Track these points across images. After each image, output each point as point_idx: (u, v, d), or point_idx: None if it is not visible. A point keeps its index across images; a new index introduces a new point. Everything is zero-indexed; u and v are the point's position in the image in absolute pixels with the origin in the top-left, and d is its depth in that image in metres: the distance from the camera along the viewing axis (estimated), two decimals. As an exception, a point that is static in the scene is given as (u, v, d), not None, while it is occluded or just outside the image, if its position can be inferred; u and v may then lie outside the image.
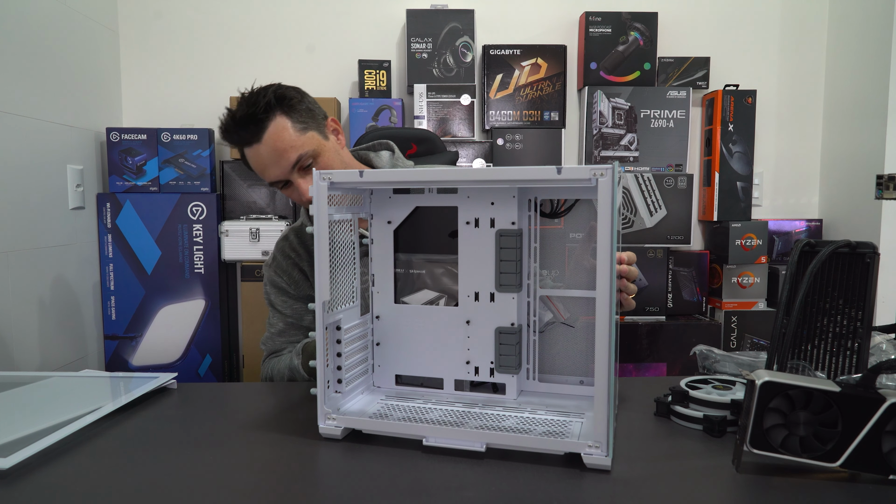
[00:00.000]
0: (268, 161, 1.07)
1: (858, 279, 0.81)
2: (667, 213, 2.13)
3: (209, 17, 2.19)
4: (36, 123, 1.73)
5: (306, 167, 1.08)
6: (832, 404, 0.68)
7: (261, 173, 1.10)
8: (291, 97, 1.09)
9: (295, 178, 1.09)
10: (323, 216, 0.77)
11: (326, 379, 0.81)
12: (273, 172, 1.08)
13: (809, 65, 2.31)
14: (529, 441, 0.73)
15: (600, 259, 0.73)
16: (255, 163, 1.09)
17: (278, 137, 1.06)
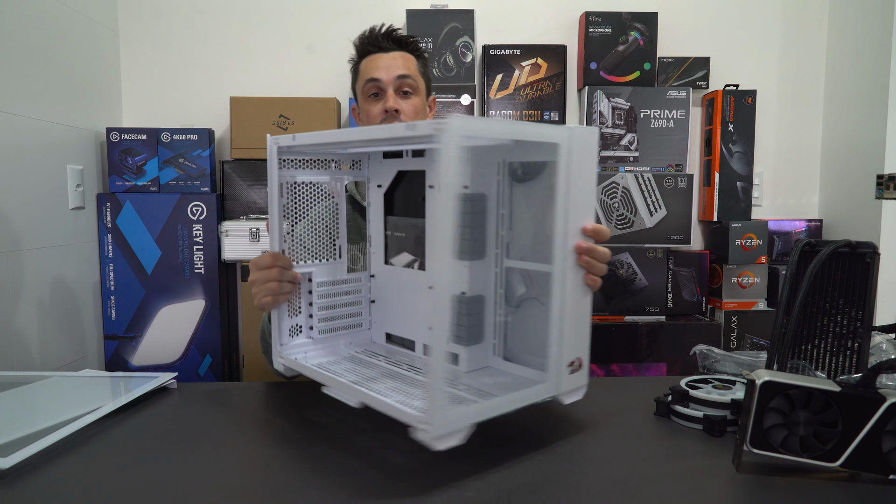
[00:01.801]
0: (387, 62, 1.18)
1: (858, 279, 0.81)
2: (667, 213, 2.13)
3: (209, 17, 2.19)
4: (36, 123, 1.73)
5: (404, 92, 1.18)
6: (832, 404, 0.68)
7: (369, 71, 1.18)
8: (424, 56, 1.27)
9: (390, 89, 1.18)
10: (274, 176, 0.87)
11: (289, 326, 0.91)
12: (381, 73, 1.17)
13: (809, 65, 2.31)
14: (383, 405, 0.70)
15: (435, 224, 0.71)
16: (372, 64, 1.18)
17: (406, 59, 1.20)
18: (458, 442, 0.66)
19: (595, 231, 0.78)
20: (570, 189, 0.73)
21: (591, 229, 0.78)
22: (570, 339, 0.76)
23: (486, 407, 0.68)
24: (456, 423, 0.65)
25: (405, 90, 1.18)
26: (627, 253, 2.12)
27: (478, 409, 0.68)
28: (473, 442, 0.79)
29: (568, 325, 0.75)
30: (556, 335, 0.74)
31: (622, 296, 2.11)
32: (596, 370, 2.04)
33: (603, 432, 0.83)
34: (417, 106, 1.20)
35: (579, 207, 0.74)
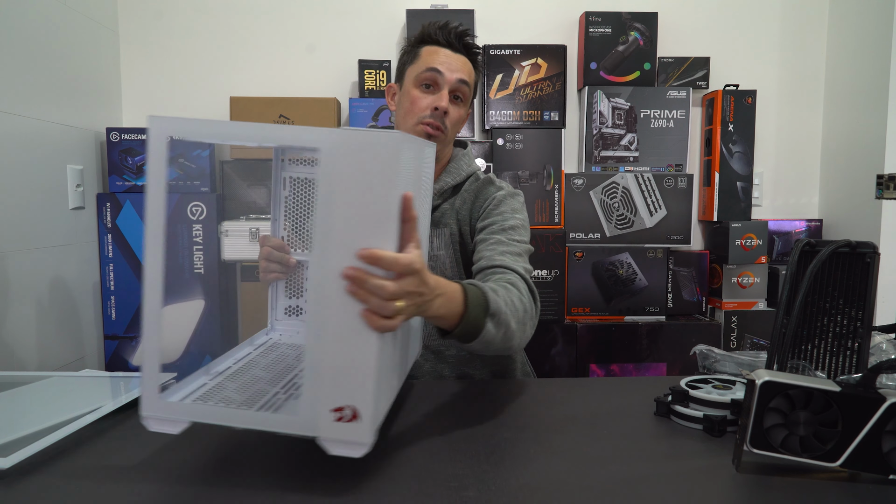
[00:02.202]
0: (454, 62, 1.15)
1: (858, 279, 0.81)
2: (667, 213, 2.13)
3: (209, 17, 2.19)
4: (36, 123, 1.73)
5: (455, 97, 1.15)
6: (832, 404, 0.68)
7: (430, 61, 1.14)
8: (480, 72, 1.24)
9: (447, 88, 1.14)
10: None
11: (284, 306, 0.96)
12: (445, 68, 1.13)
13: (809, 65, 2.31)
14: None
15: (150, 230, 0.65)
16: (437, 56, 1.15)
17: (468, 66, 1.18)
18: (173, 431, 0.68)
19: (372, 258, 0.63)
20: (336, 202, 0.63)
21: (365, 255, 0.63)
22: (335, 382, 0.65)
23: (215, 413, 0.68)
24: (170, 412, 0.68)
25: (458, 96, 1.15)
26: (627, 253, 2.12)
27: (204, 411, 0.68)
28: (473, 442, 0.79)
29: (331, 363, 0.65)
30: (311, 370, 0.66)
31: (622, 296, 2.11)
32: (596, 370, 2.04)
33: (603, 432, 0.83)
34: (462, 116, 1.18)
35: (354, 226, 0.63)
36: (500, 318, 0.85)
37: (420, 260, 0.69)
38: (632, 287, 2.11)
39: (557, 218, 2.12)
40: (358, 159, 0.62)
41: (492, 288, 0.88)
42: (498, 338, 0.86)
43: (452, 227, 1.19)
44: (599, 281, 2.11)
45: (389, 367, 0.74)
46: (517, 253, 1.07)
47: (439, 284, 0.76)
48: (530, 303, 0.97)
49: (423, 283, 0.70)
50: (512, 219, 1.12)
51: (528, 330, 0.96)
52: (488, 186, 1.20)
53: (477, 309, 0.83)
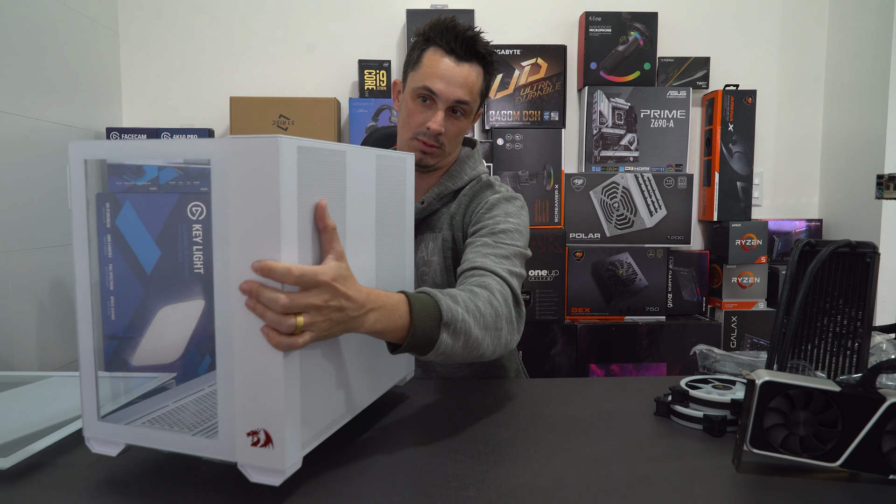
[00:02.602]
0: (449, 79, 1.07)
1: (858, 279, 0.81)
2: (667, 213, 2.13)
3: (209, 17, 2.19)
4: (36, 123, 1.73)
5: (454, 113, 1.10)
6: (832, 404, 0.68)
7: (430, 77, 1.08)
8: (494, 71, 1.15)
9: (442, 108, 1.08)
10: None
11: None
12: (441, 87, 1.07)
13: (809, 64, 2.31)
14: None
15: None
16: (437, 68, 1.08)
17: (471, 78, 1.09)
18: (111, 454, 0.69)
19: (263, 269, 0.59)
20: (229, 214, 0.60)
21: (257, 267, 0.59)
22: (246, 403, 0.62)
23: (145, 435, 0.69)
24: (107, 434, 0.70)
25: (457, 111, 1.10)
26: (627, 253, 2.12)
27: (135, 433, 0.69)
28: (473, 442, 0.79)
29: (241, 383, 0.62)
30: (223, 391, 0.63)
31: (622, 296, 2.11)
32: (596, 370, 2.04)
33: (603, 432, 0.83)
34: (462, 128, 1.12)
35: (248, 237, 0.60)
36: (458, 327, 0.78)
37: (332, 272, 0.63)
38: (632, 287, 2.11)
39: (557, 218, 2.12)
40: (242, 167, 0.59)
41: (450, 294, 0.81)
42: (458, 348, 0.80)
43: (446, 232, 1.14)
44: (599, 281, 2.11)
45: (329, 383, 0.70)
46: (504, 255, 0.98)
47: (372, 297, 0.70)
48: (505, 305, 0.88)
49: (337, 296, 0.64)
50: (504, 222, 1.05)
51: (506, 334, 0.87)
52: (484, 191, 1.15)
53: (427, 320, 0.76)
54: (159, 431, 0.68)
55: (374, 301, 0.70)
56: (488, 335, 0.84)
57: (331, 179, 0.68)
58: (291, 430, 0.62)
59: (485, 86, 1.14)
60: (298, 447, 0.64)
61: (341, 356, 0.73)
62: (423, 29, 1.11)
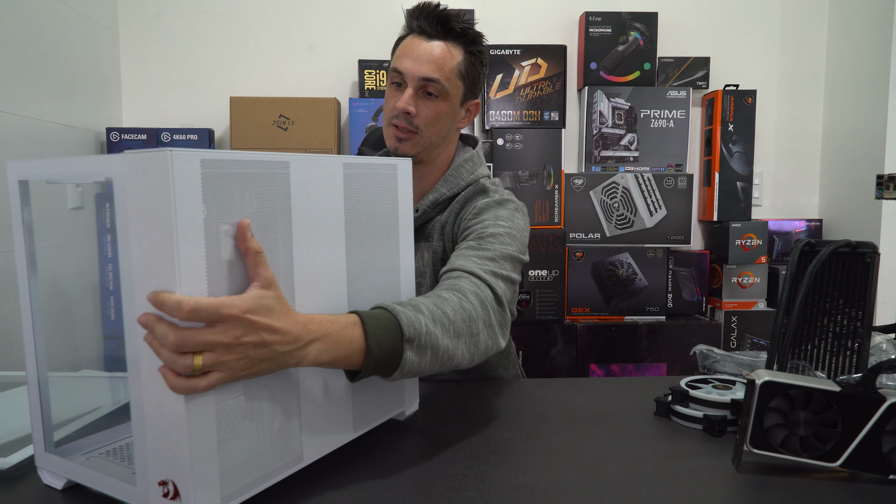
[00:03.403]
0: (417, 56, 1.02)
1: (858, 279, 0.81)
2: (667, 213, 2.13)
3: (209, 17, 2.19)
4: (36, 123, 1.73)
5: (428, 94, 1.03)
6: (832, 404, 0.68)
7: (399, 57, 1.04)
8: (482, 52, 1.07)
9: (410, 87, 1.03)
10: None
11: None
12: (407, 65, 1.02)
13: (809, 64, 2.31)
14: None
15: None
16: (407, 49, 1.04)
17: (442, 54, 1.03)
18: (56, 486, 0.67)
19: (156, 301, 0.52)
20: (131, 240, 0.54)
21: (150, 299, 0.52)
22: (156, 449, 0.55)
23: (78, 472, 0.64)
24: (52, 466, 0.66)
25: (430, 92, 1.02)
26: (627, 253, 2.12)
27: (71, 469, 0.65)
28: (473, 442, 0.79)
29: (151, 427, 0.55)
30: (137, 434, 0.56)
31: (622, 296, 2.11)
32: (596, 370, 2.04)
33: (603, 432, 0.83)
34: (441, 112, 1.03)
35: (149, 266, 0.53)
36: (422, 341, 0.70)
37: (247, 303, 0.55)
38: (632, 287, 2.11)
39: (557, 218, 2.12)
40: (138, 185, 0.53)
41: (411, 305, 0.72)
42: (425, 364, 0.72)
43: (436, 243, 1.07)
44: (599, 281, 2.11)
45: (268, 427, 0.62)
46: (488, 257, 0.90)
47: (311, 327, 0.61)
48: (482, 307, 0.80)
49: (255, 330, 0.56)
50: (494, 226, 0.97)
51: (484, 339, 0.79)
52: (475, 196, 1.07)
53: (385, 339, 0.67)
54: (92, 471, 0.63)
55: (313, 331, 0.61)
56: (461, 343, 0.76)
57: (265, 194, 0.60)
58: (201, 485, 0.55)
59: (466, 67, 1.04)
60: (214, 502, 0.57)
61: (291, 393, 0.65)
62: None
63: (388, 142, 1.06)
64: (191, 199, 0.52)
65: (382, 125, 1.09)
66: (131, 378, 0.56)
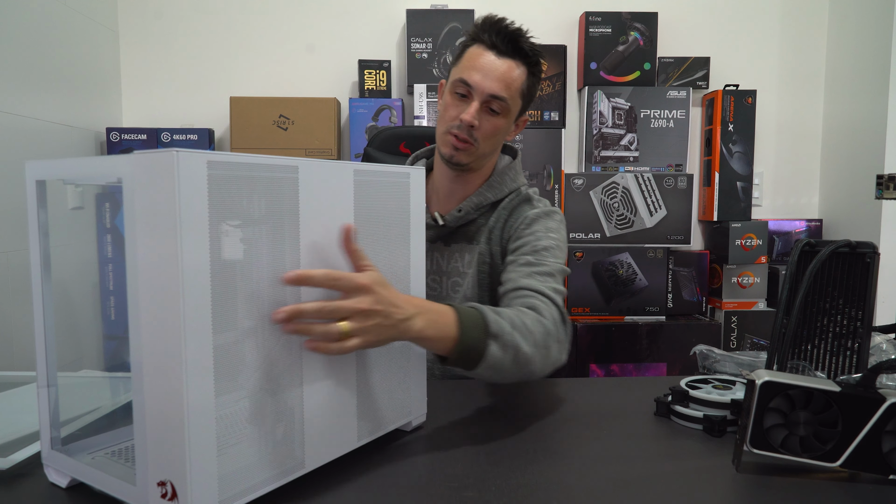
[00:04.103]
0: (487, 71, 1.05)
1: (858, 279, 0.81)
2: (667, 213, 2.13)
3: (209, 17, 2.19)
4: (36, 123, 1.73)
5: (491, 110, 1.06)
6: (832, 404, 0.68)
7: (467, 69, 1.06)
8: (541, 73, 1.12)
9: (476, 101, 1.05)
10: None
11: None
12: (477, 79, 1.05)
13: (809, 64, 2.31)
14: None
15: None
16: (476, 61, 1.06)
17: (512, 74, 1.06)
18: (60, 484, 0.67)
19: (301, 277, 0.61)
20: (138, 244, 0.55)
21: (291, 277, 0.60)
22: (156, 450, 0.56)
23: (82, 471, 0.65)
24: (57, 464, 0.67)
25: (493, 108, 1.06)
26: (627, 253, 2.12)
27: (76, 467, 0.66)
28: (473, 442, 0.79)
29: (152, 427, 0.56)
30: (139, 433, 0.57)
31: (622, 296, 2.11)
32: (596, 370, 2.04)
33: (603, 432, 0.83)
34: (499, 127, 1.08)
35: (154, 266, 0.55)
36: (506, 340, 0.79)
37: (369, 277, 0.65)
38: (632, 287, 2.11)
39: (557, 218, 2.12)
40: (145, 187, 0.53)
41: (492, 309, 0.82)
42: (507, 361, 0.80)
43: (483, 246, 1.13)
44: (599, 281, 2.11)
45: (271, 431, 0.62)
46: (547, 273, 0.99)
47: (416, 302, 0.72)
48: (554, 324, 0.89)
49: (381, 301, 0.66)
50: (545, 238, 1.05)
51: (555, 353, 0.88)
52: (523, 205, 1.13)
53: (474, 330, 0.77)
54: (95, 470, 0.64)
55: (418, 306, 0.71)
56: (538, 353, 0.84)
57: (273, 197, 0.61)
58: (199, 487, 0.55)
59: (527, 87, 1.09)
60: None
61: (295, 400, 0.65)
62: (471, 27, 1.10)
63: (444, 148, 1.09)
64: (196, 199, 0.53)
65: (437, 129, 1.12)
66: (134, 378, 0.56)
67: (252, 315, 0.59)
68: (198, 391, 0.54)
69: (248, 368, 0.59)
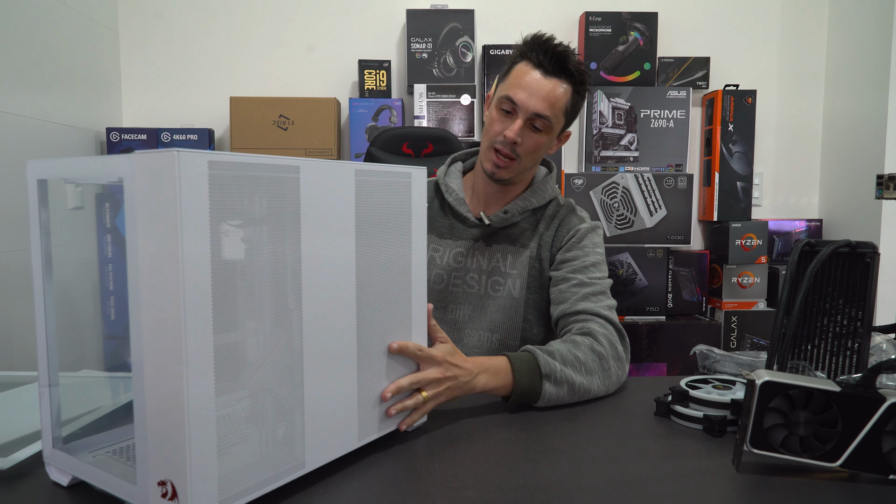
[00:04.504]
0: (533, 90, 1.07)
1: (858, 279, 0.81)
2: (667, 213, 2.13)
3: (209, 17, 2.19)
4: (36, 123, 1.73)
5: (534, 127, 1.09)
6: (832, 404, 0.68)
7: (513, 87, 1.08)
8: (585, 91, 1.15)
9: (520, 119, 1.08)
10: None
11: None
12: (522, 98, 1.07)
13: (809, 65, 2.31)
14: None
15: None
16: (522, 79, 1.08)
17: (557, 93, 1.08)
18: (62, 482, 0.68)
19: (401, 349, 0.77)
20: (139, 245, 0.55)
21: (395, 348, 0.77)
22: (157, 449, 0.56)
23: (84, 469, 0.65)
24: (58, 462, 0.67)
25: (536, 126, 1.09)
26: (627, 253, 2.11)
27: (79, 467, 0.65)
28: (473, 442, 0.79)
29: (153, 426, 0.56)
30: (139, 432, 0.57)
31: (622, 296, 2.11)
32: (596, 370, 2.04)
33: (603, 432, 0.83)
34: (541, 144, 1.11)
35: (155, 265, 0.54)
36: (558, 377, 0.91)
37: (441, 351, 0.81)
38: (632, 287, 2.11)
39: (557, 218, 2.12)
40: (146, 184, 0.53)
41: (547, 351, 0.93)
42: (564, 394, 0.92)
43: (533, 250, 1.17)
44: (599, 281, 2.10)
45: (272, 431, 0.62)
46: (599, 292, 1.10)
47: (478, 363, 0.86)
48: (610, 345, 0.99)
49: (451, 368, 0.82)
50: (593, 254, 1.13)
51: (615, 372, 0.98)
52: (572, 216, 1.18)
53: (527, 375, 0.89)
54: (96, 469, 0.64)
55: (480, 365, 0.87)
56: (595, 378, 0.95)
57: (274, 197, 0.61)
58: (199, 486, 0.55)
59: (571, 105, 1.11)
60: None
61: (296, 400, 0.65)
62: (519, 44, 1.12)
63: (486, 164, 1.13)
64: (197, 199, 0.53)
65: (482, 142, 1.15)
66: (135, 377, 0.56)
67: (253, 315, 0.59)
68: (198, 390, 0.54)
69: (249, 368, 0.59)
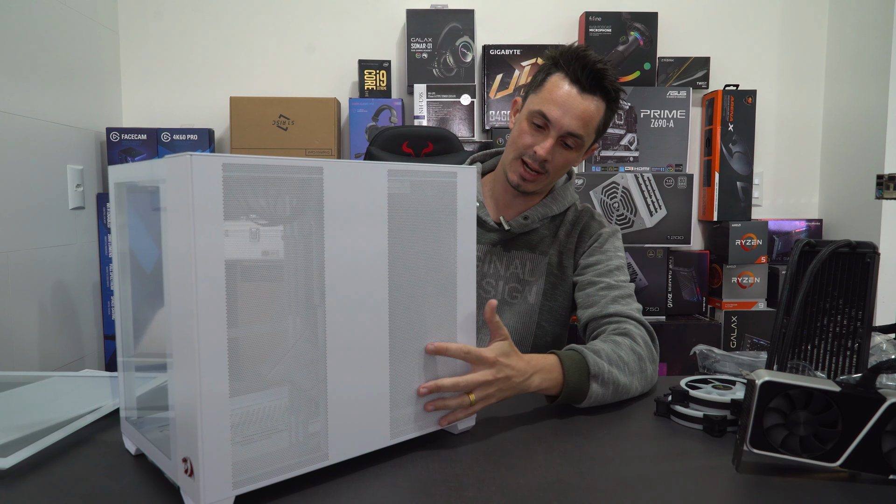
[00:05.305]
0: (568, 108, 1.04)
1: (858, 279, 0.81)
2: (667, 213, 2.13)
3: (209, 17, 2.19)
4: (36, 123, 1.73)
5: (565, 144, 1.07)
6: (832, 404, 0.68)
7: (548, 101, 1.05)
8: (618, 108, 1.13)
9: (552, 137, 1.06)
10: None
11: None
12: (556, 115, 1.04)
13: (809, 65, 2.31)
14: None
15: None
16: (558, 94, 1.05)
17: (590, 111, 1.06)
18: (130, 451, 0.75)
19: (439, 350, 0.75)
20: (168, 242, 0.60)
21: (432, 349, 0.75)
22: (181, 427, 0.60)
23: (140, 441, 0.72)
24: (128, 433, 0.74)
25: (568, 143, 1.07)
26: (627, 253, 2.11)
27: (139, 438, 0.72)
28: (473, 442, 0.79)
29: (180, 405, 0.60)
30: (172, 413, 0.62)
31: (622, 296, 2.11)
32: (596, 370, 2.04)
33: (603, 432, 0.83)
34: (570, 160, 1.10)
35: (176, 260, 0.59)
36: (605, 377, 0.90)
37: (494, 351, 0.78)
38: (632, 287, 2.11)
39: (557, 218, 2.12)
40: (171, 186, 0.56)
41: (594, 350, 0.92)
42: (608, 394, 0.91)
43: (553, 257, 1.16)
44: (599, 281, 2.10)
45: (294, 421, 0.64)
46: (627, 295, 1.09)
47: (532, 363, 0.84)
48: (646, 346, 1.01)
49: (503, 368, 0.79)
50: (615, 258, 1.13)
51: (650, 372, 1.00)
52: (591, 222, 1.18)
53: (577, 374, 0.88)
54: (149, 443, 0.69)
55: (534, 365, 0.85)
56: (635, 379, 0.95)
57: (294, 198, 0.61)
58: (213, 467, 0.58)
59: (603, 122, 1.10)
60: (225, 486, 0.60)
61: (319, 391, 0.65)
62: (553, 53, 1.08)
63: (511, 175, 1.11)
64: (210, 199, 0.56)
65: (507, 152, 1.13)
66: (168, 362, 0.61)
67: (271, 310, 0.62)
68: (210, 380, 0.57)
69: (268, 361, 0.62)
